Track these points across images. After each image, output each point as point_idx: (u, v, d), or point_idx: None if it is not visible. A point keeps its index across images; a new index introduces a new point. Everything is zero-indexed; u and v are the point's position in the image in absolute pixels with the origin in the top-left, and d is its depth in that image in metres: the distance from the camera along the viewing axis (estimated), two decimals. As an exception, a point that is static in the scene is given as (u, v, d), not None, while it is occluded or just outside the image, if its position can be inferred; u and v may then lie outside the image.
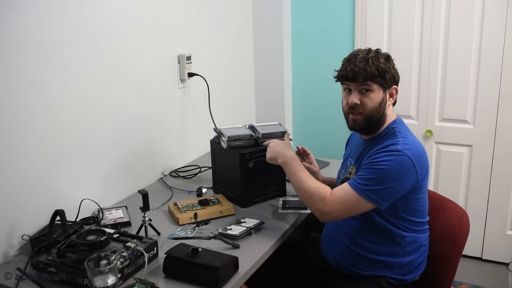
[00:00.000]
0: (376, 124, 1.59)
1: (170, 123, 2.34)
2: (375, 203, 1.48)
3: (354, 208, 1.51)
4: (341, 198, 1.50)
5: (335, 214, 1.53)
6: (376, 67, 1.52)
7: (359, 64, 1.53)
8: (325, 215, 1.54)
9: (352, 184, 1.50)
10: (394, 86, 1.59)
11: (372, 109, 1.55)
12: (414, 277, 1.64)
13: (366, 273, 1.61)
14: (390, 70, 1.56)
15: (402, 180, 1.47)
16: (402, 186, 1.48)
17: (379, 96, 1.55)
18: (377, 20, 2.81)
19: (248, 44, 2.99)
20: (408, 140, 1.53)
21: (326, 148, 2.48)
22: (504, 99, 2.60)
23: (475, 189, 2.79)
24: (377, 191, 1.47)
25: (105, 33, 1.87)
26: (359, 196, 1.48)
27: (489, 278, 2.71)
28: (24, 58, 1.54)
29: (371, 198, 1.47)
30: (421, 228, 1.62)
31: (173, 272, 1.41)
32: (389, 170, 1.46)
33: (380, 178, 1.46)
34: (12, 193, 1.56)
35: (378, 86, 1.55)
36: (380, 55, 1.57)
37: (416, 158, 1.48)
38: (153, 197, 1.79)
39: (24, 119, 1.57)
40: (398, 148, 1.48)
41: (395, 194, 1.49)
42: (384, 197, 1.48)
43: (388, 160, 1.46)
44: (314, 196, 1.55)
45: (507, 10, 2.49)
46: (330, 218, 1.56)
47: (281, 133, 1.92)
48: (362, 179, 1.49)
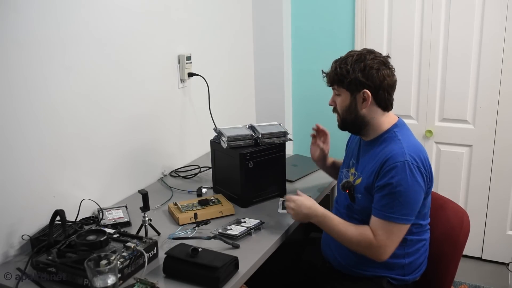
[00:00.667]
0: (354, 126, 1.61)
1: (170, 123, 2.34)
2: (412, 221, 1.51)
3: (400, 236, 1.52)
4: (385, 235, 1.50)
5: (388, 250, 1.52)
6: (336, 72, 1.56)
7: (330, 68, 1.60)
8: (382, 257, 1.53)
9: (386, 217, 1.49)
10: (364, 90, 1.53)
11: (342, 112, 1.60)
12: (415, 277, 1.64)
13: (366, 273, 1.60)
14: (353, 74, 1.52)
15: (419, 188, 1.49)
16: (421, 192, 1.51)
17: (347, 100, 1.57)
18: (377, 20, 2.81)
19: (248, 43, 2.99)
20: (411, 145, 1.52)
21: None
22: (504, 98, 2.60)
23: (475, 189, 2.79)
24: (408, 211, 1.49)
25: (106, 33, 1.87)
26: (399, 224, 1.49)
27: (489, 278, 2.71)
28: (25, 58, 1.54)
29: (408, 220, 1.50)
30: (422, 229, 1.62)
31: (173, 272, 1.41)
32: (408, 186, 1.46)
33: (404, 199, 1.47)
34: (12, 193, 1.56)
35: (344, 90, 1.57)
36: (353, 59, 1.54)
37: (422, 163, 1.50)
38: (153, 197, 1.79)
39: (24, 119, 1.57)
40: (406, 159, 1.48)
41: (420, 200, 1.52)
42: (415, 209, 1.51)
43: (402, 178, 1.46)
44: (361, 245, 1.54)
45: (507, 10, 2.48)
46: (386, 256, 1.53)
47: (281, 133, 1.92)
48: (390, 208, 1.48)
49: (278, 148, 1.92)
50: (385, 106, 1.58)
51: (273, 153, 1.91)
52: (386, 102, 1.57)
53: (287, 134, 1.93)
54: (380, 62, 1.54)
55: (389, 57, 1.59)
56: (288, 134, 1.94)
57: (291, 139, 1.98)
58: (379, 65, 1.53)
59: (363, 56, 1.54)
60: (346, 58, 1.57)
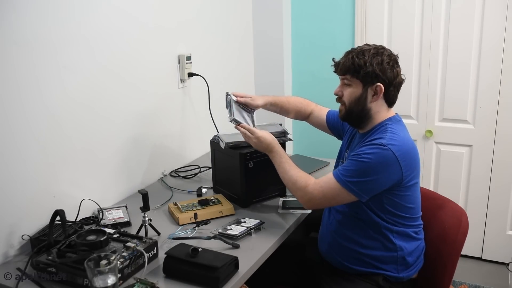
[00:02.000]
0: (358, 118, 1.60)
1: (170, 123, 2.34)
2: (355, 195, 1.51)
3: (335, 197, 1.55)
4: (323, 187, 1.56)
5: (317, 201, 1.58)
6: (353, 62, 1.54)
7: (344, 57, 1.58)
8: (307, 202, 1.60)
9: (335, 175, 1.54)
10: (378, 83, 1.55)
11: (350, 102, 1.58)
12: (410, 275, 1.64)
13: (362, 270, 1.61)
14: (371, 67, 1.53)
15: (384, 174, 1.48)
16: (384, 180, 1.49)
17: (357, 91, 1.57)
18: (377, 20, 2.81)
19: (248, 44, 2.99)
20: (396, 136, 1.52)
21: (326, 149, 2.47)
22: (504, 99, 2.60)
23: (475, 189, 2.79)
24: (358, 183, 1.49)
25: (105, 33, 1.87)
26: (341, 186, 1.51)
27: (489, 278, 2.71)
28: (25, 58, 1.54)
29: (351, 190, 1.50)
30: (411, 223, 1.62)
31: (173, 272, 1.41)
32: (371, 163, 1.47)
33: (361, 171, 1.48)
34: (12, 193, 1.56)
35: (357, 81, 1.56)
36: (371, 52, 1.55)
37: (401, 154, 1.48)
38: (153, 197, 1.79)
39: (24, 119, 1.57)
40: (383, 142, 1.48)
41: (376, 187, 1.50)
42: (365, 189, 1.50)
43: (371, 153, 1.48)
44: (297, 183, 1.61)
45: (507, 9, 2.49)
46: (313, 204, 1.61)
47: (281, 133, 1.92)
48: (345, 170, 1.52)
49: (278, 148, 1.92)
50: (391, 102, 1.61)
51: (273, 153, 1.91)
52: (393, 98, 1.60)
53: (287, 134, 1.94)
54: (394, 60, 1.58)
55: (398, 57, 1.62)
56: (288, 134, 1.94)
57: (291, 139, 1.98)
58: (394, 62, 1.57)
59: (380, 51, 1.57)
60: (363, 49, 1.57)
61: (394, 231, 1.58)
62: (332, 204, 1.64)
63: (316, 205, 1.62)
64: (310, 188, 1.58)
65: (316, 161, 2.34)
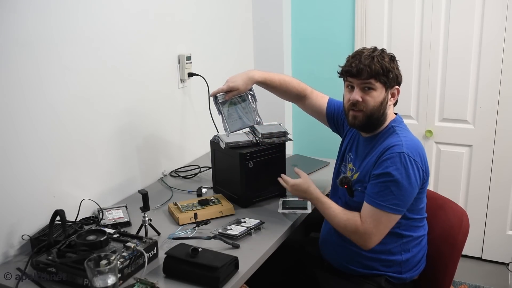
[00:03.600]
0: (376, 122, 1.59)
1: (170, 123, 2.34)
2: (402, 213, 1.52)
3: (388, 225, 1.53)
4: (373, 223, 1.52)
5: (373, 239, 1.54)
6: (381, 66, 1.52)
7: (364, 61, 1.53)
8: (365, 245, 1.55)
9: (376, 204, 1.51)
10: (396, 86, 1.58)
11: (374, 107, 1.55)
12: (413, 276, 1.64)
13: (364, 272, 1.61)
14: (394, 70, 1.56)
15: (414, 181, 1.50)
16: (416, 186, 1.51)
17: (381, 95, 1.55)
18: (377, 20, 2.81)
19: (248, 44, 2.99)
20: (409, 140, 1.54)
21: (326, 149, 2.48)
22: (504, 99, 2.60)
23: (475, 189, 2.79)
24: (401, 202, 1.50)
25: (105, 33, 1.87)
26: (388, 213, 1.50)
27: (489, 278, 2.71)
28: (25, 57, 1.54)
29: (398, 211, 1.51)
30: (418, 224, 1.63)
31: (173, 272, 1.41)
32: (402, 177, 1.48)
33: (397, 189, 1.48)
34: (12, 193, 1.56)
35: (381, 85, 1.54)
36: (386, 54, 1.57)
37: (420, 159, 1.52)
38: (153, 197, 1.79)
39: (24, 119, 1.57)
40: (403, 150, 1.49)
41: (412, 194, 1.52)
42: (407, 202, 1.52)
43: (397, 169, 1.48)
44: (347, 229, 1.57)
45: (507, 9, 2.49)
46: (372, 244, 1.55)
47: (281, 133, 1.92)
48: (384, 197, 1.49)
49: (278, 148, 1.92)
50: (396, 103, 1.64)
51: (273, 153, 1.91)
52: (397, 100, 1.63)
53: (287, 134, 1.93)
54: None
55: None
56: (288, 134, 1.94)
57: (291, 139, 1.97)
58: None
59: (389, 53, 1.59)
60: (381, 53, 1.56)
61: (401, 235, 1.59)
62: (386, 233, 1.55)
63: (375, 242, 1.54)
64: (361, 230, 1.53)
65: (316, 161, 2.34)
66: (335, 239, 1.66)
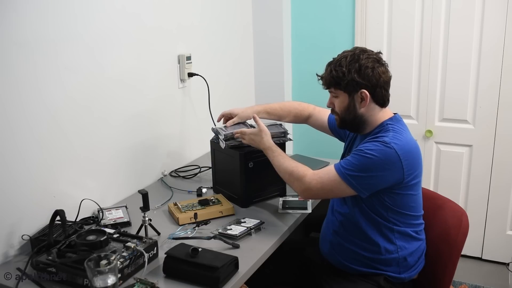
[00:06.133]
0: (353, 125, 1.62)
1: (170, 123, 2.34)
2: (354, 189, 1.51)
3: (333, 189, 1.55)
4: (322, 178, 1.56)
5: (314, 191, 1.59)
6: (332, 75, 1.56)
7: (325, 70, 1.61)
8: (304, 191, 1.61)
9: (336, 167, 1.54)
10: (361, 90, 1.54)
11: (342, 112, 1.61)
12: (411, 276, 1.64)
13: (363, 270, 1.61)
14: (350, 75, 1.53)
15: (385, 172, 1.49)
16: (385, 178, 1.50)
17: (345, 101, 1.58)
18: (377, 20, 2.81)
19: (248, 43, 2.99)
20: (399, 135, 1.52)
21: (326, 149, 2.48)
22: (504, 99, 2.60)
23: (475, 189, 2.79)
24: (359, 177, 1.50)
25: (105, 33, 1.87)
26: (340, 179, 1.52)
27: (489, 278, 2.71)
28: (24, 58, 1.54)
29: (351, 183, 1.51)
30: (412, 221, 1.62)
31: (173, 272, 1.41)
32: (373, 159, 1.47)
33: (363, 166, 1.49)
34: (12, 193, 1.56)
35: (341, 92, 1.58)
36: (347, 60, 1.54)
37: (403, 153, 1.49)
38: (153, 197, 1.79)
39: (24, 119, 1.57)
40: (386, 140, 1.49)
41: (376, 184, 1.51)
42: (364, 185, 1.51)
43: (374, 150, 1.48)
44: (293, 174, 1.62)
45: (507, 9, 2.49)
46: (309, 194, 1.62)
47: (281, 133, 1.92)
48: (347, 164, 1.52)
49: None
50: (383, 102, 1.60)
51: (273, 153, 1.91)
52: (383, 98, 1.59)
53: (287, 134, 1.93)
54: (374, 60, 1.55)
55: (381, 53, 1.61)
56: (288, 134, 1.94)
57: (291, 139, 1.97)
58: (374, 64, 1.55)
59: (357, 56, 1.55)
60: (340, 59, 1.57)
61: (395, 231, 1.58)
62: (329, 196, 1.65)
63: (312, 195, 1.63)
64: (307, 178, 1.58)
65: (316, 161, 2.34)
66: (335, 239, 1.66)
